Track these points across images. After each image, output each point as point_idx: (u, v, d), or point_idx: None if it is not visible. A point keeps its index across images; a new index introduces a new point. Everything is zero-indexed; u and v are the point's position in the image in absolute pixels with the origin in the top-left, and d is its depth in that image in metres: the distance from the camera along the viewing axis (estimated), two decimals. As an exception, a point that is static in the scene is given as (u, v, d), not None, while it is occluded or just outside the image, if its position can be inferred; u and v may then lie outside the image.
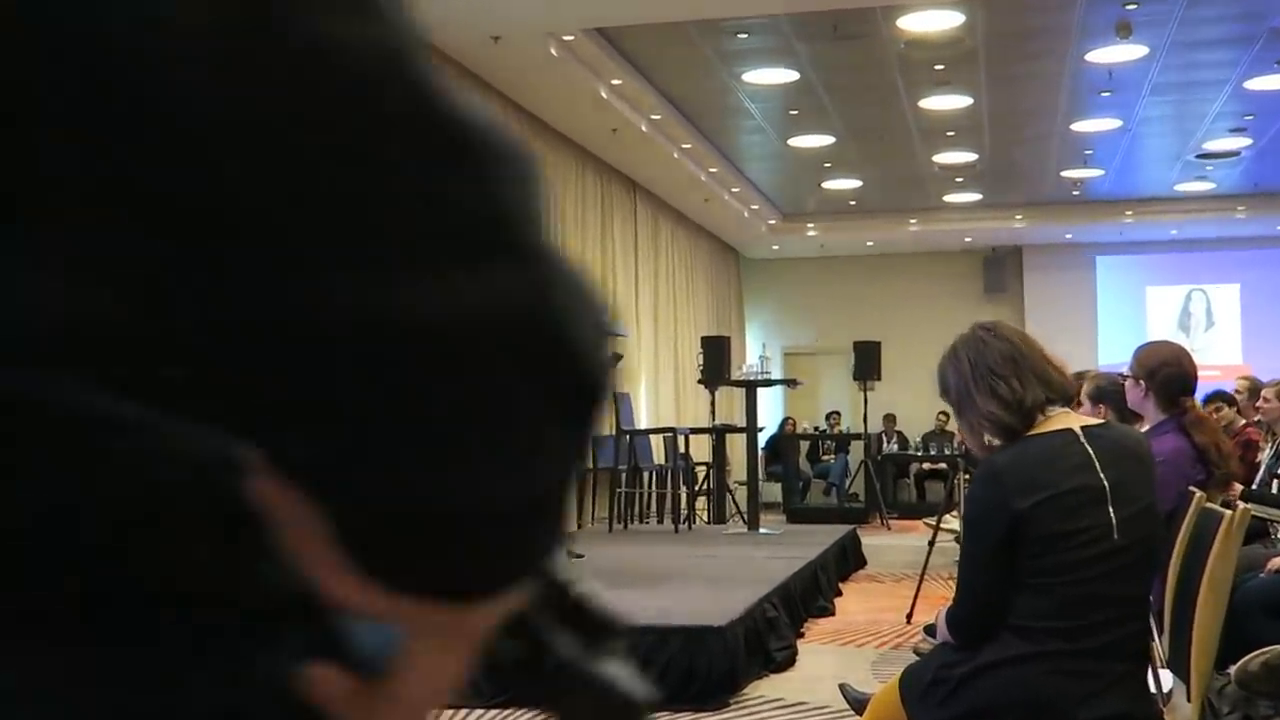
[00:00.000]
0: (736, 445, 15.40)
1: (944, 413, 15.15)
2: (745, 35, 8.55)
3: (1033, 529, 2.23)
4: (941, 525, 6.81)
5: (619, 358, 7.02)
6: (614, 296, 11.34)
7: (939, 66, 9.33)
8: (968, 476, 7.15)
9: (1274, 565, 3.92)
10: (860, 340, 13.08)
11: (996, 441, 2.36)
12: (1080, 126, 11.11)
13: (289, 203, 0.37)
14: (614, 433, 9.86)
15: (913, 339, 16.10)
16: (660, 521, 11.30)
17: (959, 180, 13.40)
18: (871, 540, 10.59)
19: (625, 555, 7.34)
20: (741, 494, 12.25)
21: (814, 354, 17.02)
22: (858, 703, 3.60)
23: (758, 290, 17.29)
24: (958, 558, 2.74)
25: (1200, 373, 3.98)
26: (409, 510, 0.41)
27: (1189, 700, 2.52)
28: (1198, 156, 12.25)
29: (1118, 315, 16.14)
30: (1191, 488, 3.23)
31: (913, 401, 15.71)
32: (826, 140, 11.56)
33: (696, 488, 11.62)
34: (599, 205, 11.15)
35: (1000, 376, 2.35)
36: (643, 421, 12.01)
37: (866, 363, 12.76)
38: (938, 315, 16.20)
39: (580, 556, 6.80)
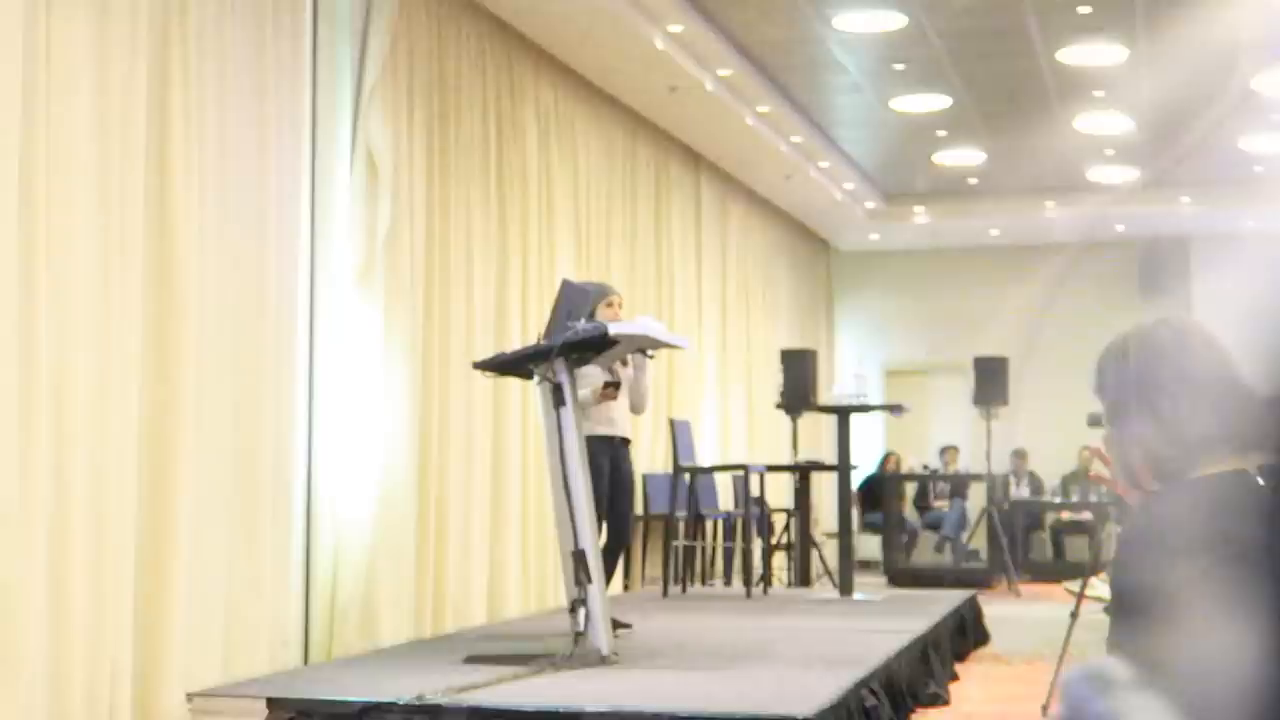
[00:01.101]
0: (824, 487, 15.46)
1: (1090, 447, 15.03)
2: (839, -30, 8.58)
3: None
4: (1087, 592, 6.74)
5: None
6: (670, 298, 11.37)
7: (1084, 9, 9.29)
8: (1119, 529, 7.08)
9: None
10: (983, 356, 13.02)
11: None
12: (1266, 85, 11.01)
13: None
14: (670, 470, 9.87)
15: (1049, 355, 16.00)
16: (728, 583, 11.29)
17: (1109, 153, 13.31)
18: (997, 610, 10.48)
19: (684, 626, 7.34)
20: (831, 549, 12.19)
21: (924, 373, 16.94)
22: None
23: (852, 292, 17.25)
24: (1109, 634, 2.71)
25: None
26: None
27: None
28: None
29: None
30: None
31: (1049, 433, 15.59)
32: (940, 101, 11.53)
33: (774, 541, 11.60)
34: (653, 184, 11.18)
35: (1169, 394, 2.31)
36: (706, 456, 12.02)
37: (990, 384, 12.69)
38: (1082, 324, 16.09)
39: (627, 627, 6.82)
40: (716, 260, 12.71)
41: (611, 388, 6.81)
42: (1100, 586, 8.52)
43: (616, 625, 6.41)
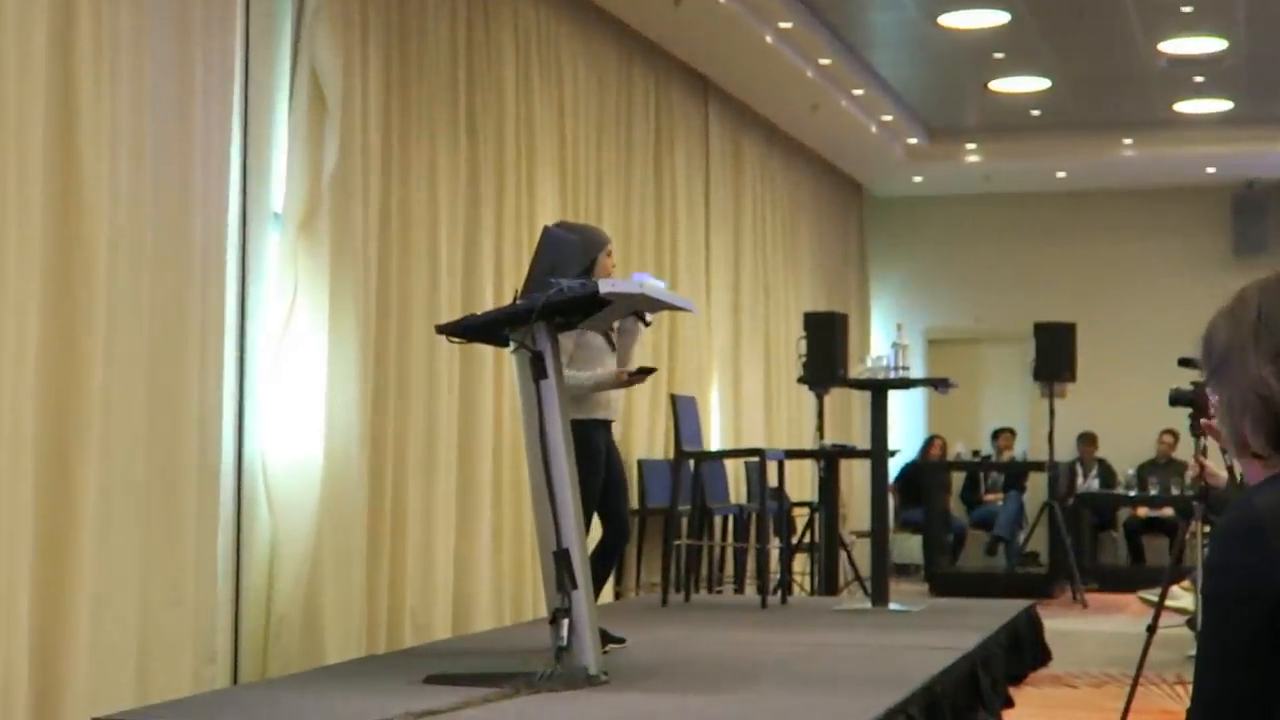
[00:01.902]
0: (856, 477, 15.48)
1: (1172, 432, 15.06)
2: None
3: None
4: (1168, 602, 6.74)
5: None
6: (672, 251, 11.36)
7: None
8: (1207, 528, 7.08)
9: None
10: (1045, 323, 13.01)
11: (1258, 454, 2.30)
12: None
13: None
14: (671, 456, 9.86)
15: (1124, 321, 16.01)
16: (740, 590, 11.30)
17: (1198, 80, 13.27)
18: (1060, 623, 10.49)
19: (687, 641, 7.36)
20: (863, 550, 12.19)
21: (974, 342, 16.94)
22: None
23: (890, 245, 17.24)
24: (1192, 653, 2.69)
25: None
26: None
27: None
28: None
29: None
30: None
31: (1124, 415, 15.59)
32: (996, 18, 11.50)
33: (796, 540, 11.60)
34: (652, 114, 11.16)
35: None
36: (715, 440, 12.02)
37: (1054, 356, 12.68)
38: (1163, 284, 16.10)
39: (620, 642, 6.82)
40: (728, 207, 12.68)
41: (643, 374, 6.78)
42: (1183, 596, 8.53)
43: (607, 639, 6.41)
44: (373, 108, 7.32)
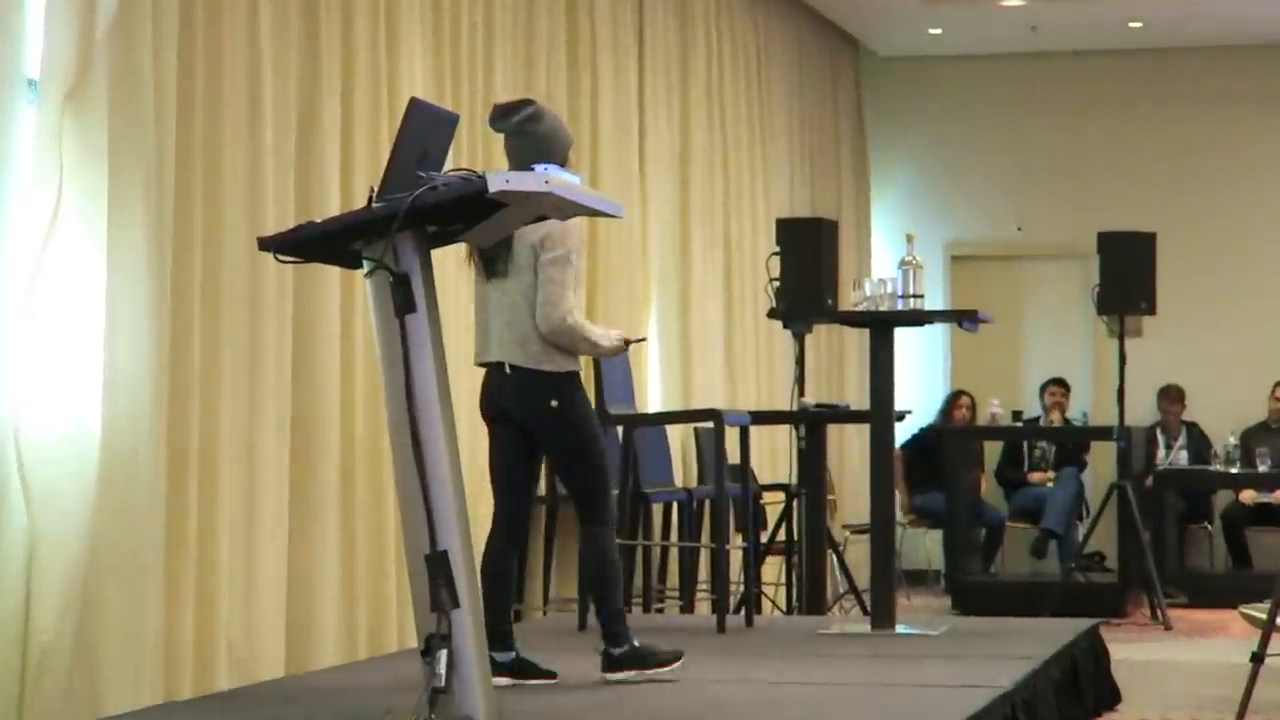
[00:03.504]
0: (849, 450, 15.50)
1: (1288, 384, 15.16)
2: None
3: None
4: (1282, 621, 6.80)
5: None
6: (592, 135, 11.32)
7: None
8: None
9: None
10: (1113, 232, 13.05)
11: None
12: None
13: None
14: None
15: (1222, 231, 16.09)
16: (688, 608, 11.32)
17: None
18: (1134, 651, 10.58)
19: (616, 676, 7.36)
20: (859, 552, 12.22)
21: (1014, 259, 17.02)
22: None
23: (898, 124, 17.26)
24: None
25: None
26: None
27: None
28: None
29: None
30: None
31: (1222, 361, 15.72)
32: None
33: (767, 538, 11.63)
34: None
35: None
36: (653, 399, 12.03)
37: (1126, 280, 12.74)
38: (1269, 178, 16.16)
39: (548, 678, 6.82)
40: (671, 68, 12.66)
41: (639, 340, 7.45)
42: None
43: (524, 674, 6.46)
44: (166, -70, 7.27)
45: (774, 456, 13.22)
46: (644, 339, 7.88)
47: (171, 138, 7.29)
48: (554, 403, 7.11)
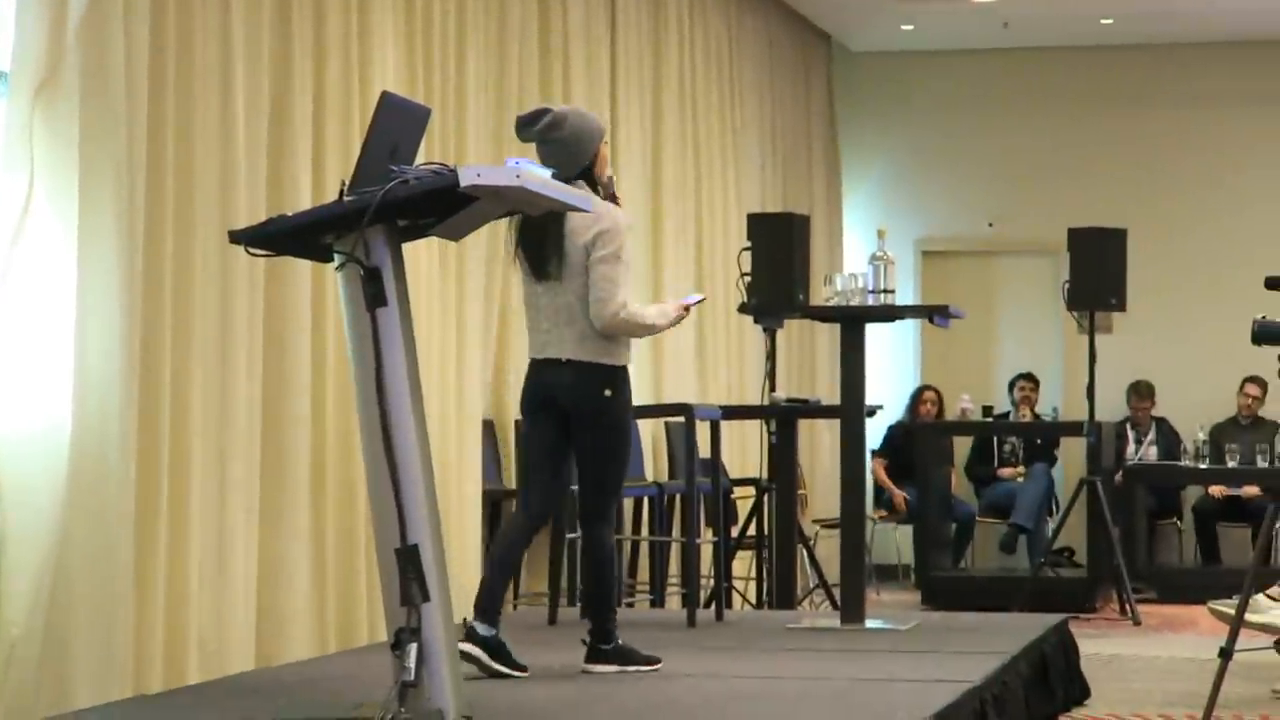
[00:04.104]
0: (820, 443, 15.48)
1: (1258, 380, 15.19)
2: None
3: None
4: (1250, 617, 6.81)
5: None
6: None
7: None
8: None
9: None
10: (1084, 228, 13.05)
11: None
12: None
13: None
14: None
15: (1193, 227, 16.10)
16: (658, 603, 11.32)
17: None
18: (1103, 646, 10.59)
19: (586, 674, 7.35)
20: (829, 547, 12.21)
21: (985, 255, 17.02)
22: None
23: (870, 119, 17.26)
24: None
25: None
26: None
27: None
28: None
29: None
30: None
31: (1193, 357, 15.73)
32: None
33: (737, 533, 11.62)
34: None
35: None
36: (623, 393, 12.00)
37: (1097, 276, 12.74)
38: (1248, 174, 16.20)
39: (520, 672, 6.82)
40: (642, 62, 12.65)
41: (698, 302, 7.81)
42: (1273, 609, 8.62)
43: (498, 656, 6.57)
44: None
45: (745, 451, 13.21)
46: (703, 298, 8.05)
47: (143, 131, 7.27)
48: (607, 392, 7.27)
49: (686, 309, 7.60)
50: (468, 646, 6.97)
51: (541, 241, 7.26)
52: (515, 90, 10.67)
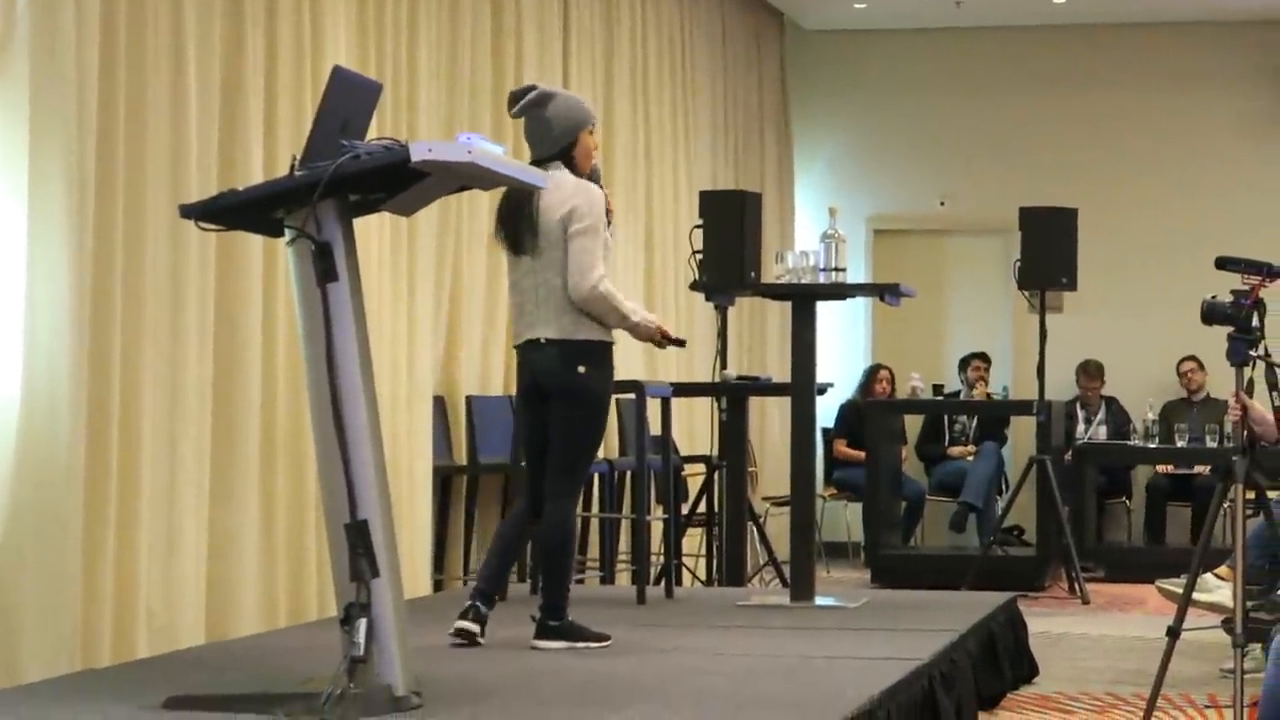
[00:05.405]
0: (770, 421, 15.48)
1: (1194, 358, 15.23)
2: None
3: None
4: (1198, 596, 6.83)
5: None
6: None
7: None
8: (1253, 495, 7.18)
9: None
10: (1035, 207, 13.07)
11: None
12: None
13: None
14: (511, 391, 9.83)
15: (1143, 206, 16.15)
16: (608, 579, 11.32)
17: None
18: (1052, 624, 10.62)
19: (535, 650, 7.37)
20: (779, 525, 12.22)
21: (937, 234, 17.04)
22: None
23: (822, 97, 17.26)
24: (1229, 665, 2.72)
25: None
26: None
27: None
28: None
29: None
30: None
31: (1142, 336, 15.77)
32: None
33: (688, 510, 11.62)
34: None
35: None
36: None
37: (1047, 255, 12.76)
38: (1197, 155, 16.24)
39: (469, 642, 6.81)
40: (594, 40, 12.63)
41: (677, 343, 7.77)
42: (1220, 588, 8.65)
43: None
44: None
45: (694, 429, 13.21)
46: (683, 342, 8.01)
47: (94, 106, 7.24)
48: (582, 369, 7.28)
49: (665, 335, 7.65)
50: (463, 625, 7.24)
51: (516, 218, 7.27)
52: (467, 69, 10.64)
